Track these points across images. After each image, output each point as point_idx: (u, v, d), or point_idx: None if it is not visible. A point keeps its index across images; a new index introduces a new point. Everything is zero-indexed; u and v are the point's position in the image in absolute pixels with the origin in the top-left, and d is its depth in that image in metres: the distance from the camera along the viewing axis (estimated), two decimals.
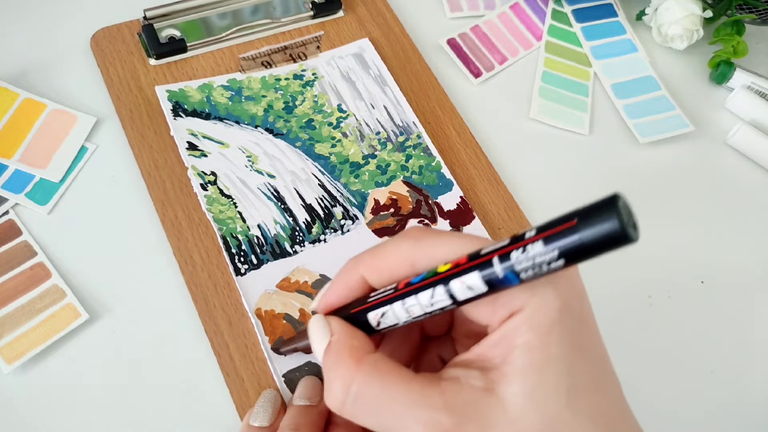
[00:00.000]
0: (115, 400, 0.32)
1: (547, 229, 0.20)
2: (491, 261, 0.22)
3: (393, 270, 0.26)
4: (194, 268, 0.35)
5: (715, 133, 0.47)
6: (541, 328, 0.23)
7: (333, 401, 0.25)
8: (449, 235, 0.25)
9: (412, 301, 0.25)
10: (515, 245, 0.21)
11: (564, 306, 0.23)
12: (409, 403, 0.24)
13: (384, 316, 0.26)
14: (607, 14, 0.52)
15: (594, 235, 0.19)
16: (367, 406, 0.25)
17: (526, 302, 0.23)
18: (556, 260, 0.20)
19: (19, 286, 0.34)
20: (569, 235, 0.20)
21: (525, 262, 0.21)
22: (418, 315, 0.25)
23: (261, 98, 0.42)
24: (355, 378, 0.25)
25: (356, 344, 0.26)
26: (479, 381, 0.24)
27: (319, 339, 0.27)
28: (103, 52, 0.42)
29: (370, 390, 0.24)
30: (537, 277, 0.21)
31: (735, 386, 0.38)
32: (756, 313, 0.40)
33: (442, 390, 0.24)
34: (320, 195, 0.39)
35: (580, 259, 0.20)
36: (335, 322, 0.27)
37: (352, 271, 0.27)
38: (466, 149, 0.42)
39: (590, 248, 0.19)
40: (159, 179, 0.38)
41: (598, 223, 0.19)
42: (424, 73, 0.45)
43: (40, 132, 0.39)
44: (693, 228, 0.43)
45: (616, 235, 0.19)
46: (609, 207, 0.19)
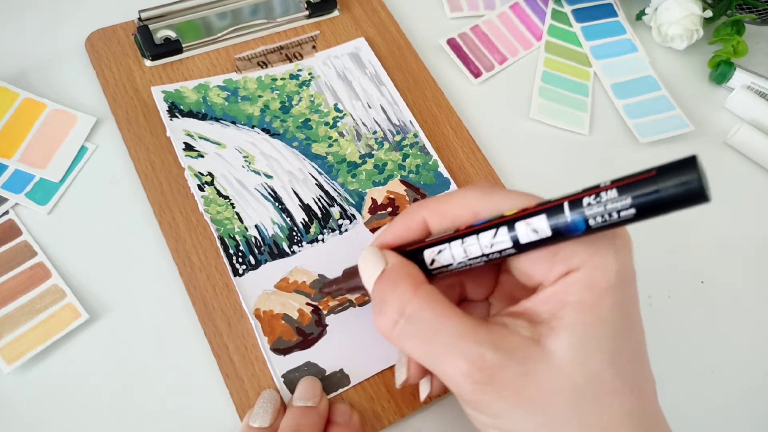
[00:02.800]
0: (114, 401, 0.35)
1: (624, 180, 0.22)
2: (561, 205, 0.24)
3: (456, 216, 0.28)
4: (192, 269, 0.38)
5: (715, 133, 0.50)
6: (596, 288, 0.25)
7: (384, 322, 0.27)
8: (518, 192, 0.27)
9: (471, 240, 0.26)
10: (588, 192, 0.23)
11: (621, 272, 0.25)
12: (457, 335, 0.26)
13: (440, 254, 0.27)
14: (607, 14, 0.55)
15: (673, 188, 0.21)
16: (417, 330, 0.26)
17: (585, 262, 0.25)
18: (628, 209, 0.22)
19: (19, 286, 0.36)
20: (647, 186, 0.21)
21: (596, 207, 0.22)
22: (474, 256, 0.26)
23: (257, 98, 0.44)
24: (412, 301, 0.26)
25: (414, 272, 0.28)
26: (527, 331, 0.26)
27: (372, 267, 0.28)
28: (98, 54, 0.45)
29: (424, 315, 0.26)
30: (605, 226, 0.23)
31: (735, 386, 0.40)
32: (756, 313, 0.43)
33: (490, 330, 0.26)
34: (318, 195, 0.41)
35: (652, 213, 0.21)
36: (390, 253, 0.29)
37: (415, 212, 0.29)
38: (462, 147, 0.45)
39: (666, 202, 0.21)
40: (156, 181, 0.40)
41: (678, 177, 0.20)
42: (420, 71, 0.48)
43: (40, 132, 0.41)
44: (693, 228, 0.45)
45: (695, 191, 0.20)
46: (690, 164, 0.20)
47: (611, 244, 0.25)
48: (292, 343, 0.36)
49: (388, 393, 0.36)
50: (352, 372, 0.36)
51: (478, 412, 0.27)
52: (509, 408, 0.25)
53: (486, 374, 0.25)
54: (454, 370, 0.26)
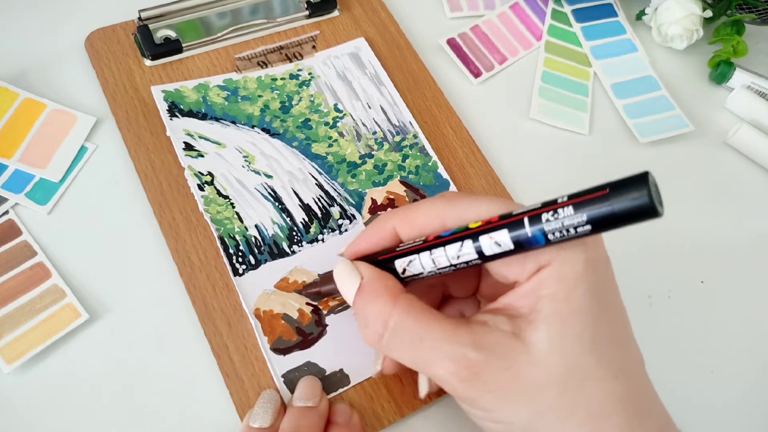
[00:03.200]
0: (114, 401, 0.35)
1: (579, 197, 0.23)
2: (522, 221, 0.25)
3: (424, 225, 0.29)
4: (192, 269, 0.38)
5: (715, 133, 0.50)
6: (567, 280, 0.26)
7: (371, 335, 0.29)
8: (482, 198, 0.29)
9: (439, 252, 0.28)
10: (546, 208, 0.24)
11: (590, 262, 0.26)
12: (441, 338, 0.27)
13: (410, 264, 0.29)
14: (607, 14, 0.55)
15: (624, 205, 0.22)
16: (402, 339, 0.28)
17: (554, 257, 0.26)
18: (584, 225, 0.23)
19: (19, 286, 0.36)
20: (600, 203, 0.23)
21: (554, 223, 0.24)
22: (443, 266, 0.28)
23: (257, 98, 0.44)
24: (392, 313, 0.28)
25: (390, 284, 0.29)
26: (507, 326, 0.27)
27: (349, 281, 0.30)
28: (98, 54, 0.45)
29: (406, 324, 0.28)
30: (563, 240, 0.24)
31: (735, 386, 0.40)
32: (756, 313, 0.43)
33: (471, 330, 0.27)
34: (317, 195, 0.41)
35: (607, 227, 0.23)
36: (363, 266, 0.30)
37: (385, 222, 0.31)
38: (462, 148, 0.45)
39: (618, 217, 0.22)
40: (156, 180, 0.40)
41: (628, 193, 0.22)
42: (420, 72, 0.48)
43: (40, 132, 0.41)
44: (693, 228, 0.45)
45: (645, 208, 0.21)
46: (640, 181, 0.22)
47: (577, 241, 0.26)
48: (292, 343, 0.36)
49: (388, 393, 0.36)
50: (352, 372, 0.36)
51: (472, 407, 0.28)
52: (498, 401, 0.27)
53: (472, 372, 0.26)
54: (442, 372, 0.27)
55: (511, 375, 0.26)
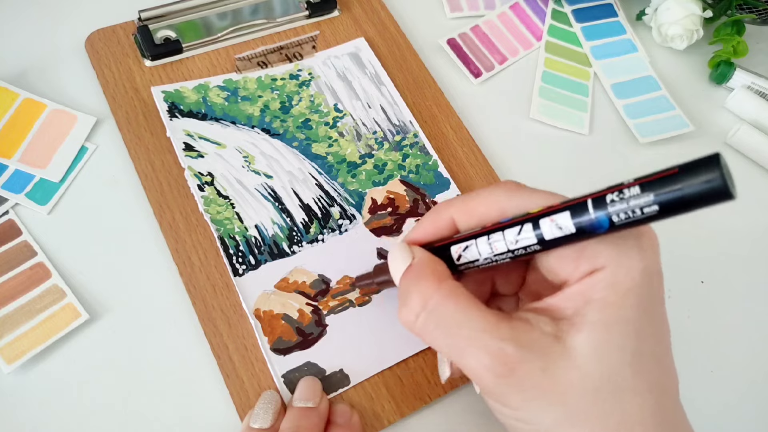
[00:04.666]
0: (114, 401, 0.35)
1: (646, 178, 0.22)
2: (585, 203, 0.24)
3: (483, 214, 0.29)
4: (192, 269, 0.38)
5: (715, 133, 0.50)
6: (620, 287, 0.25)
7: (407, 315, 0.28)
8: (543, 191, 0.28)
9: (497, 236, 0.27)
10: (611, 190, 0.23)
11: (646, 272, 0.26)
12: (480, 328, 0.26)
13: (466, 250, 0.28)
14: (607, 14, 0.55)
15: (695, 185, 0.21)
16: (439, 323, 0.27)
17: (610, 261, 0.25)
18: (651, 206, 0.22)
19: (19, 286, 0.36)
20: (669, 183, 0.22)
21: (619, 204, 0.23)
22: (500, 252, 0.27)
23: (257, 98, 0.44)
24: (434, 295, 0.27)
25: (438, 268, 0.29)
26: (549, 327, 0.26)
27: (400, 261, 0.29)
28: (98, 54, 0.45)
29: (446, 309, 0.27)
30: (628, 223, 0.23)
31: (735, 386, 0.40)
32: (756, 313, 0.43)
33: (512, 326, 0.26)
34: (317, 195, 0.41)
35: (675, 210, 0.22)
36: (417, 249, 0.30)
37: (443, 211, 0.30)
38: (462, 147, 0.45)
39: (689, 199, 0.21)
40: (156, 181, 0.40)
41: (701, 174, 0.21)
42: (420, 71, 0.48)
43: (40, 132, 0.41)
44: (693, 228, 0.45)
45: (718, 190, 0.20)
46: (713, 161, 0.21)
47: (636, 244, 0.26)
48: (292, 343, 0.36)
49: (388, 393, 0.36)
50: (352, 372, 0.36)
51: (499, 404, 0.27)
52: (528, 401, 0.26)
53: (507, 368, 0.26)
54: (476, 363, 0.26)
55: (546, 376, 0.25)
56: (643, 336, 0.26)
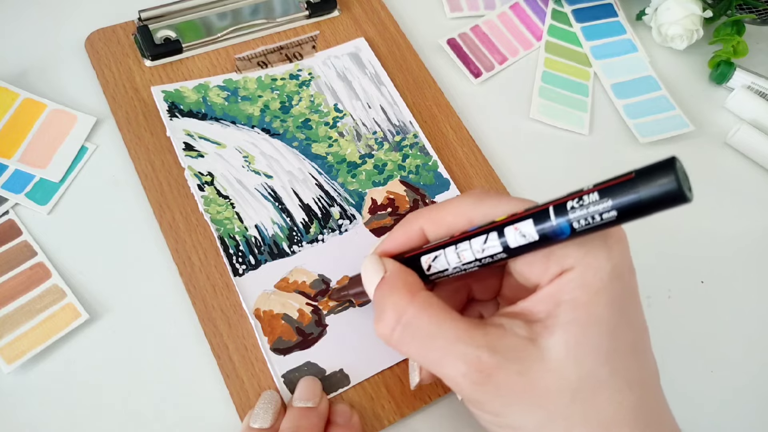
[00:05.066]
0: (114, 401, 0.35)
1: (604, 183, 0.23)
2: (547, 211, 0.24)
3: (451, 224, 0.29)
4: (192, 269, 0.38)
5: (715, 133, 0.50)
6: (590, 287, 0.25)
7: (383, 329, 0.28)
8: (510, 197, 0.28)
9: (464, 246, 0.27)
10: (571, 196, 0.24)
11: (615, 271, 0.26)
12: (454, 338, 0.27)
13: (436, 260, 0.29)
14: (607, 14, 0.55)
15: (651, 191, 0.21)
16: (415, 336, 0.28)
17: (579, 261, 0.26)
18: (609, 211, 0.22)
19: (19, 286, 0.36)
20: (625, 189, 0.22)
21: (579, 211, 0.23)
22: (468, 261, 0.27)
23: (257, 98, 0.44)
24: (408, 308, 0.28)
25: (410, 280, 0.29)
26: (523, 330, 0.26)
27: (372, 274, 0.30)
28: (98, 54, 0.45)
29: (421, 321, 0.27)
30: (589, 229, 0.23)
31: (735, 386, 0.40)
32: (756, 313, 0.43)
33: (486, 332, 0.27)
34: (317, 195, 0.41)
35: (633, 215, 0.22)
36: (389, 261, 0.30)
37: (412, 222, 0.30)
38: (462, 147, 0.45)
39: (645, 204, 0.21)
40: (156, 181, 0.40)
41: (655, 179, 0.21)
42: (420, 71, 0.48)
43: (40, 132, 0.41)
44: (693, 228, 0.45)
45: (672, 193, 0.21)
46: (667, 166, 0.21)
47: (604, 243, 0.26)
48: (292, 343, 0.36)
49: (388, 393, 0.36)
50: (352, 372, 0.36)
51: (481, 411, 0.28)
52: (508, 406, 0.26)
53: (483, 375, 0.26)
54: (453, 372, 0.27)
55: (523, 380, 0.26)
56: (617, 334, 0.26)
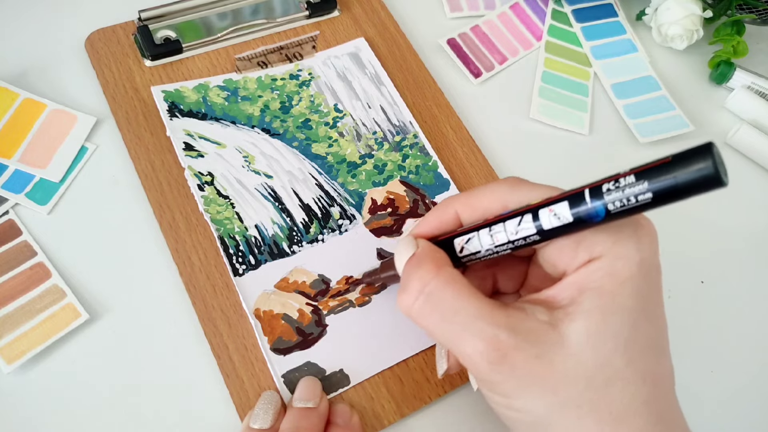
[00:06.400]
0: (114, 401, 0.35)
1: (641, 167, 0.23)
2: (582, 193, 0.25)
3: (486, 208, 0.29)
4: (192, 269, 0.38)
5: (715, 133, 0.50)
6: (616, 276, 0.26)
7: (405, 299, 0.28)
8: (545, 185, 0.29)
9: (498, 228, 0.28)
10: (607, 180, 0.24)
11: (643, 263, 0.26)
12: (475, 315, 0.27)
13: (469, 242, 0.29)
14: (607, 14, 0.55)
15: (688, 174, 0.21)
16: (435, 308, 0.27)
17: (608, 250, 0.26)
18: (645, 193, 0.23)
19: (19, 286, 0.36)
20: (662, 172, 0.22)
21: (615, 193, 0.23)
22: (501, 243, 0.28)
23: (257, 98, 0.44)
24: (432, 280, 0.28)
25: (438, 256, 0.29)
26: (544, 316, 0.27)
27: (404, 252, 0.30)
28: (98, 54, 0.45)
29: (443, 294, 0.27)
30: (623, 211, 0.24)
31: (735, 386, 0.40)
32: (756, 313, 0.43)
33: (508, 314, 0.27)
34: (317, 195, 0.41)
35: (669, 198, 0.22)
36: (422, 240, 0.30)
37: (447, 206, 0.31)
38: (462, 147, 0.45)
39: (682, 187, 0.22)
40: (156, 181, 0.40)
41: (693, 163, 0.21)
42: (420, 71, 0.48)
43: (40, 132, 0.41)
44: (693, 228, 0.45)
45: (710, 177, 0.21)
46: (705, 150, 0.21)
47: (634, 235, 0.26)
48: (292, 343, 0.36)
49: (388, 393, 0.36)
50: (352, 372, 0.36)
51: (492, 392, 0.28)
52: (521, 388, 0.26)
53: (500, 354, 0.26)
54: (470, 349, 0.26)
55: (540, 363, 0.26)
56: (638, 326, 0.26)
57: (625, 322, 0.26)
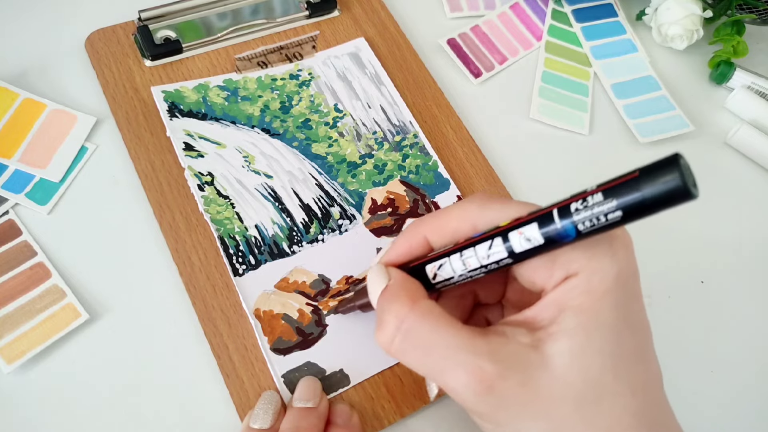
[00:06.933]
0: (114, 401, 0.35)
1: (608, 183, 0.22)
2: (551, 214, 0.24)
3: (455, 230, 0.28)
4: (192, 269, 0.38)
5: (715, 133, 0.50)
6: (595, 292, 0.25)
7: (383, 337, 0.28)
8: (514, 201, 0.28)
9: (469, 253, 0.27)
10: (575, 198, 0.23)
11: (619, 276, 0.25)
12: (455, 347, 0.26)
13: (441, 268, 0.28)
14: (607, 14, 0.55)
15: (656, 189, 0.21)
16: (415, 344, 0.27)
17: (584, 267, 0.25)
18: (614, 212, 0.22)
19: (19, 286, 0.36)
20: (630, 188, 0.21)
21: (584, 212, 0.23)
22: (473, 268, 0.27)
23: (257, 98, 0.44)
24: (408, 316, 0.27)
25: (413, 288, 0.28)
26: (526, 338, 0.26)
27: (377, 284, 0.29)
28: (98, 54, 0.45)
29: (421, 329, 0.27)
30: (594, 230, 0.23)
31: (735, 386, 0.40)
32: (756, 313, 0.43)
33: (488, 341, 0.26)
34: (317, 195, 0.41)
35: (639, 214, 0.22)
36: (394, 270, 0.30)
37: (415, 230, 0.30)
38: (462, 147, 0.45)
39: (650, 202, 0.21)
40: (156, 181, 0.40)
41: (659, 177, 0.21)
42: (420, 71, 0.48)
43: (40, 132, 0.41)
44: (693, 228, 0.45)
45: (677, 190, 0.20)
46: (671, 164, 0.20)
47: (609, 248, 0.26)
48: (292, 343, 0.36)
49: (388, 393, 0.36)
50: (352, 372, 0.36)
51: (484, 421, 0.27)
52: (512, 416, 0.26)
53: (485, 386, 0.25)
54: (454, 383, 0.26)
55: (526, 390, 0.25)
56: (621, 338, 0.26)
57: (608, 337, 0.25)
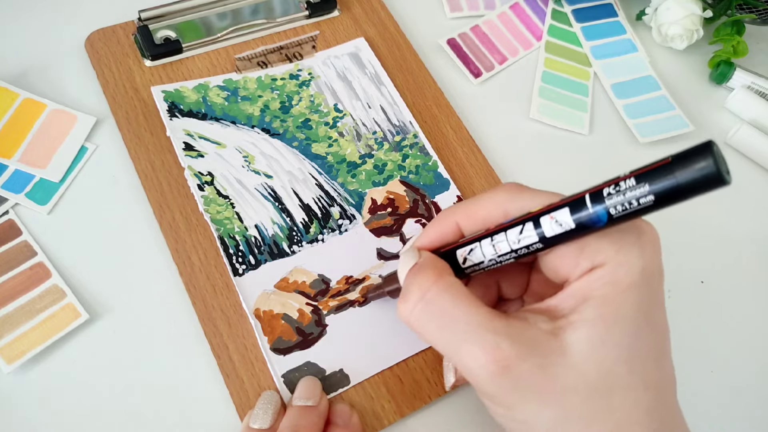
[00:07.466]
0: (114, 401, 0.35)
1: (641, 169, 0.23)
2: (583, 199, 0.24)
3: (486, 217, 0.29)
4: (192, 269, 0.38)
5: (715, 133, 0.50)
6: (619, 284, 0.25)
7: (405, 306, 0.28)
8: (545, 191, 0.28)
9: (500, 237, 0.27)
10: (607, 184, 0.24)
11: (645, 271, 0.26)
12: (476, 323, 0.26)
13: (471, 253, 0.29)
14: (607, 14, 0.55)
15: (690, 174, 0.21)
16: (435, 315, 0.27)
17: (611, 258, 0.25)
18: (646, 196, 0.22)
19: (19, 286, 0.36)
20: (663, 174, 0.22)
21: (616, 197, 0.23)
22: (504, 252, 0.27)
23: (257, 98, 0.44)
24: (432, 288, 0.27)
25: (440, 265, 0.29)
26: (546, 325, 0.26)
27: (406, 263, 0.30)
28: (98, 54, 0.45)
29: (443, 301, 0.27)
30: (627, 215, 0.23)
31: (735, 386, 0.40)
32: (756, 313, 0.43)
33: (508, 323, 0.26)
34: (317, 195, 0.41)
35: (671, 199, 0.22)
36: (425, 252, 0.30)
37: (447, 217, 0.30)
38: (462, 147, 0.45)
39: (684, 188, 0.21)
40: (156, 181, 0.40)
41: (694, 162, 0.21)
42: (420, 71, 0.48)
43: (40, 132, 0.41)
44: (693, 228, 0.45)
45: (711, 176, 0.21)
46: (705, 149, 0.21)
47: (637, 242, 0.26)
48: (292, 343, 0.36)
49: (388, 393, 0.36)
50: (352, 372, 0.36)
51: (494, 403, 0.27)
52: (524, 400, 0.26)
53: (501, 365, 0.25)
54: (470, 360, 0.26)
55: (543, 375, 0.25)
56: (640, 334, 0.26)
57: (627, 330, 0.25)
